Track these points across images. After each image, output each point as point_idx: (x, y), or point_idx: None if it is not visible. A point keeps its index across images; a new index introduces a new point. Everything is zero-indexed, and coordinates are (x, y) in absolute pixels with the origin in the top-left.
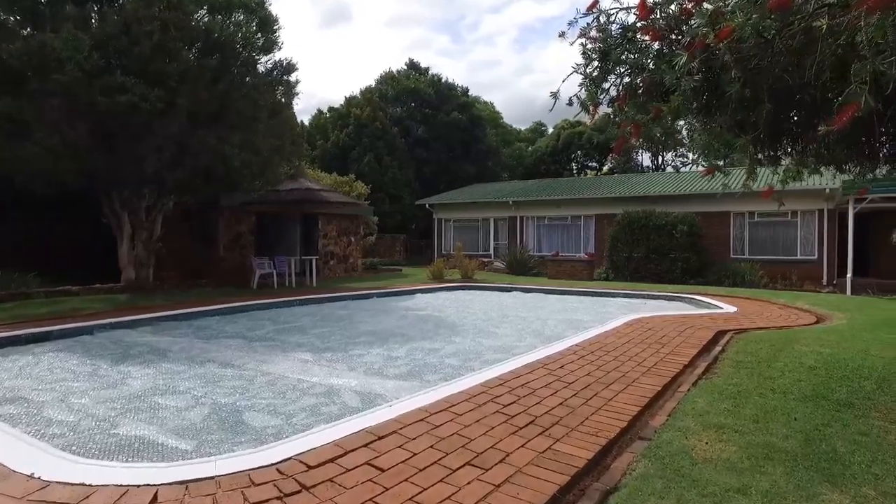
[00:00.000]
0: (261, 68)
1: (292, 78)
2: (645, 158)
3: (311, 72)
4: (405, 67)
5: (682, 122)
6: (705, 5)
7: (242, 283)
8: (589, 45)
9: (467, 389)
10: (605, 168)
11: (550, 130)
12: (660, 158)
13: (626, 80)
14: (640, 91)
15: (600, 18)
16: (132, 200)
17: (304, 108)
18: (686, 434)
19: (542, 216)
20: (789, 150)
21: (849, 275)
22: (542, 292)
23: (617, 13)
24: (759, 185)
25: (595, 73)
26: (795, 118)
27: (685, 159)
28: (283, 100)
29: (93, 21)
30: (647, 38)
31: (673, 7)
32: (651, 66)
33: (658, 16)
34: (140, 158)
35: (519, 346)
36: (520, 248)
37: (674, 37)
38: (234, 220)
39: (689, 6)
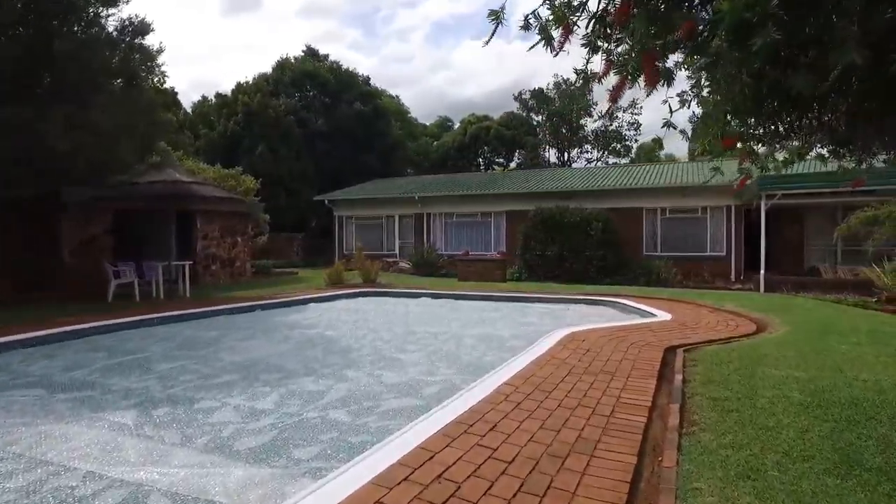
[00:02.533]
0: (111, 28)
1: (150, 42)
2: (552, 155)
3: (213, 62)
4: (303, 54)
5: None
6: None
7: (97, 296)
8: None
9: (347, 500)
10: (513, 164)
11: (457, 126)
12: (566, 155)
13: None
14: None
15: None
16: None
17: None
18: None
19: (451, 213)
20: (798, 124)
21: (762, 272)
22: (453, 298)
23: None
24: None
25: None
26: None
27: (589, 155)
28: (144, 74)
29: None
30: None
31: None
32: None
33: None
34: None
35: (430, 384)
36: (427, 248)
37: None
38: (83, 218)
39: None
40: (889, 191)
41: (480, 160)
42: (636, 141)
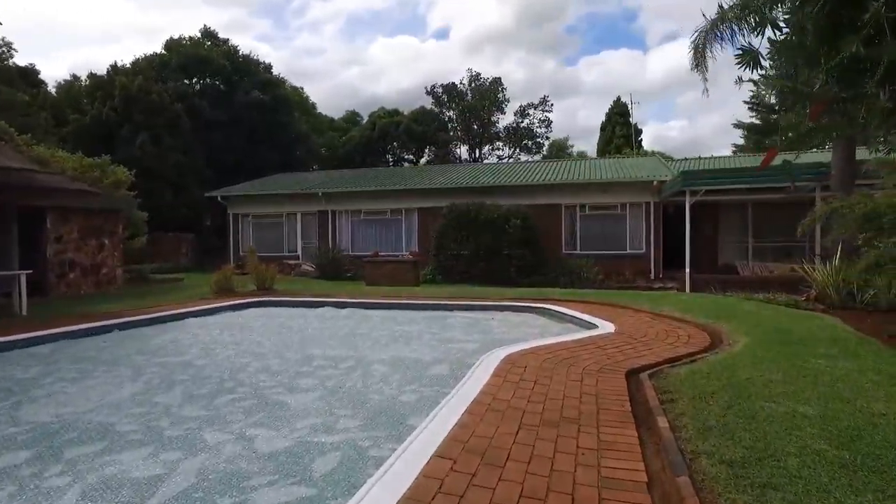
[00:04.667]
0: None
1: None
2: (463, 151)
3: (106, 46)
4: (199, 36)
5: None
6: None
7: None
8: None
9: None
10: (423, 160)
11: (366, 120)
12: (477, 151)
13: None
14: None
15: None
16: None
17: None
18: None
19: (358, 210)
20: None
21: (688, 270)
22: (361, 307)
23: None
24: None
25: None
26: None
27: (500, 152)
28: None
29: None
30: None
31: None
32: None
33: None
34: None
35: (326, 450)
36: (332, 248)
37: None
38: None
39: None
40: (800, 188)
41: (389, 156)
42: (547, 138)
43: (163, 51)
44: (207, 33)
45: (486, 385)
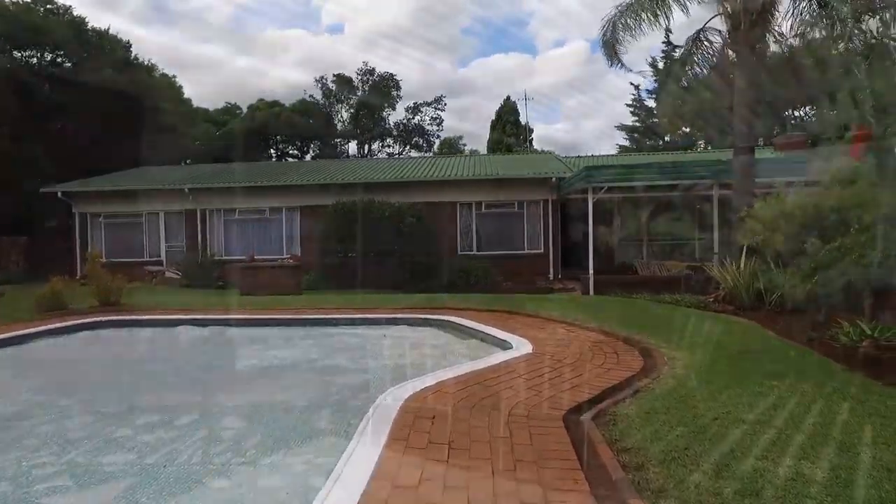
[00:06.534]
0: None
1: None
2: (352, 147)
3: None
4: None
5: None
6: None
7: None
8: None
9: None
10: (309, 156)
11: (245, 112)
12: (366, 147)
13: None
14: None
15: None
16: None
17: None
18: None
19: (232, 209)
20: None
21: (591, 272)
22: (226, 325)
23: None
24: None
25: None
26: None
27: (391, 149)
28: None
29: None
30: None
31: None
32: None
33: None
34: None
35: None
36: (202, 252)
37: None
38: None
39: None
40: (692, 185)
41: (272, 151)
42: (438, 136)
43: None
44: None
45: (381, 460)
